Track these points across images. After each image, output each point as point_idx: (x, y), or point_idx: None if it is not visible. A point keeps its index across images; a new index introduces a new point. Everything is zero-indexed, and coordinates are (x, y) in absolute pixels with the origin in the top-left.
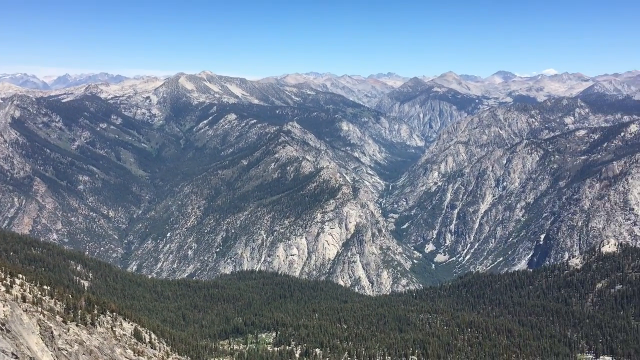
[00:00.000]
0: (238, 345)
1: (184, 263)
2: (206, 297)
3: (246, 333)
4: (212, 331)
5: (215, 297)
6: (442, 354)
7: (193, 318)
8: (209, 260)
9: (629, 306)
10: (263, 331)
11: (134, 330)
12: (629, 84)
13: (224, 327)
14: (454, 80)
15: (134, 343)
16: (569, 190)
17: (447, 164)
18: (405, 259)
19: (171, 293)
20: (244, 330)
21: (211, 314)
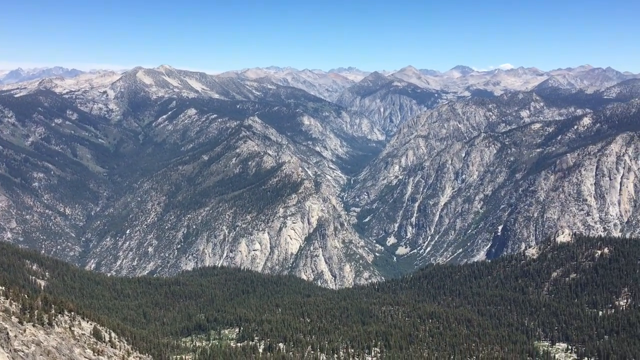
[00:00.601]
0: (200, 342)
1: (144, 260)
2: (167, 294)
3: (209, 329)
4: (174, 328)
5: (177, 294)
6: (404, 345)
7: (154, 316)
8: (170, 257)
9: (582, 294)
10: (226, 327)
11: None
12: (582, 78)
13: (186, 324)
14: (414, 74)
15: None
16: (525, 182)
17: (408, 158)
18: (368, 252)
19: (131, 291)
20: (207, 326)
21: (173, 311)
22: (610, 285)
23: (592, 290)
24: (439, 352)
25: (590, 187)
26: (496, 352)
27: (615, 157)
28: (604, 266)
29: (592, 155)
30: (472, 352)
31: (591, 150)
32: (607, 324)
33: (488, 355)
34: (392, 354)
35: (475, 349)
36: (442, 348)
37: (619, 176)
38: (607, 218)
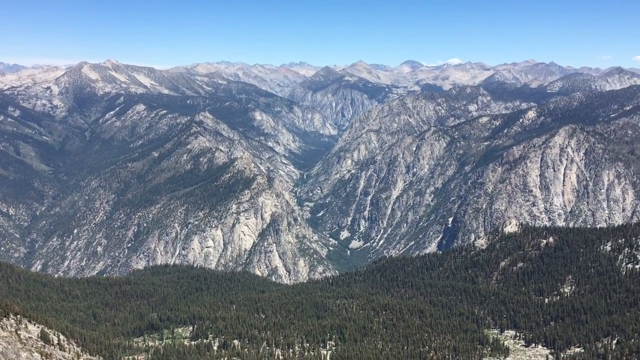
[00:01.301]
0: (153, 342)
1: (93, 260)
2: (118, 294)
3: (162, 329)
4: (125, 329)
5: (128, 293)
6: (359, 337)
7: (105, 316)
8: (120, 256)
9: (529, 282)
10: (179, 326)
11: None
12: (526, 73)
13: (138, 324)
14: (365, 69)
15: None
16: (474, 174)
17: (360, 152)
18: (321, 247)
19: (80, 292)
20: (160, 325)
21: (124, 311)
22: (555, 273)
23: (538, 278)
24: (393, 343)
25: (536, 179)
26: (448, 341)
27: (558, 149)
28: (549, 255)
29: (537, 147)
30: (425, 342)
31: (536, 142)
32: (552, 311)
33: (440, 344)
34: (347, 347)
35: (428, 339)
36: (395, 339)
37: (562, 167)
38: (551, 208)
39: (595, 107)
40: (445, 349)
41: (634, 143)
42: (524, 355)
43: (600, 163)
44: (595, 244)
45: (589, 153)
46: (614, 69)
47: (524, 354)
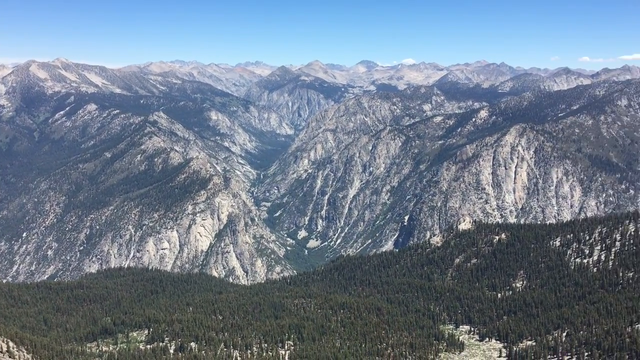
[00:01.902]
0: (107, 347)
1: (44, 264)
2: (70, 298)
3: (116, 333)
4: (78, 334)
5: (81, 298)
6: (317, 336)
7: (56, 322)
8: (72, 259)
9: (482, 278)
10: (134, 329)
11: None
12: (478, 73)
13: (91, 329)
14: (321, 69)
15: None
16: (429, 173)
17: (317, 152)
18: (279, 247)
19: (30, 297)
20: (114, 330)
21: (76, 316)
22: (507, 268)
23: (491, 274)
24: (351, 341)
25: (488, 177)
26: (405, 337)
27: (509, 148)
28: (501, 251)
29: (489, 146)
30: (382, 339)
31: (488, 141)
32: (505, 305)
33: (397, 341)
34: (305, 346)
35: (385, 336)
36: (353, 337)
37: (513, 165)
38: (503, 205)
39: (544, 106)
40: (402, 346)
41: (580, 141)
42: (478, 349)
43: (549, 161)
44: (545, 240)
45: (538, 151)
46: (562, 70)
47: (478, 349)
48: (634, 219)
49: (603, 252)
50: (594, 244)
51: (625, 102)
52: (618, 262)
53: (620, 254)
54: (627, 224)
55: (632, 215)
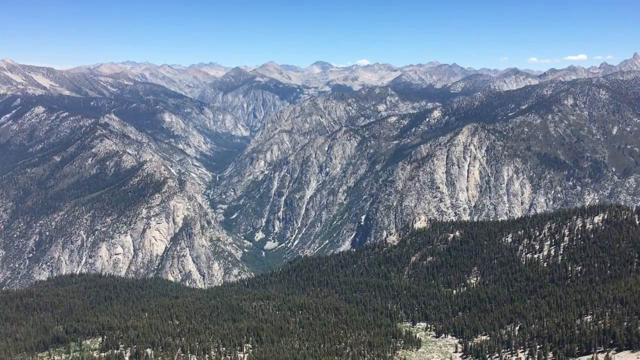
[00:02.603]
0: (59, 356)
1: None
2: (19, 307)
3: (68, 341)
4: (28, 344)
5: (30, 306)
6: (276, 338)
7: (5, 332)
8: (21, 267)
9: (438, 275)
10: (87, 337)
11: None
12: (431, 74)
13: (42, 338)
14: (275, 70)
15: None
16: (385, 172)
17: (273, 153)
18: (236, 249)
19: None
20: (66, 338)
21: (26, 326)
22: (462, 265)
23: (446, 271)
24: (310, 341)
25: (442, 176)
26: (363, 336)
27: (462, 147)
28: (456, 248)
29: (442, 145)
30: (341, 339)
31: (441, 141)
32: (460, 301)
33: (356, 340)
34: (264, 348)
35: (344, 336)
36: (312, 338)
37: (466, 164)
38: (457, 203)
39: (495, 106)
40: (360, 345)
41: (529, 140)
42: (435, 345)
43: (500, 159)
44: (497, 236)
45: (490, 150)
46: (511, 70)
47: (434, 345)
48: (581, 214)
49: (552, 247)
50: (543, 240)
51: (571, 102)
52: (567, 256)
53: (568, 248)
54: (574, 220)
55: (580, 211)
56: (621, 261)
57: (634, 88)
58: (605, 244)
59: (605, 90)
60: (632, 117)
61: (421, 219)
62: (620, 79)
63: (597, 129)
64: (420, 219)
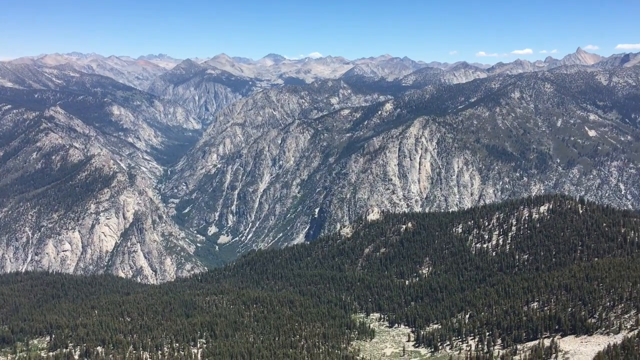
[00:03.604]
0: (5, 356)
1: None
2: None
3: (14, 341)
4: None
5: None
6: (230, 332)
7: None
8: None
9: (391, 266)
10: (35, 337)
11: None
12: (383, 67)
13: None
14: (227, 62)
15: None
16: (338, 165)
17: (225, 146)
18: (189, 244)
19: None
20: (12, 338)
21: None
22: (414, 256)
23: (399, 262)
24: (264, 335)
25: (395, 168)
26: (317, 328)
27: (414, 139)
28: (408, 239)
29: (394, 138)
30: (296, 332)
31: (393, 133)
32: (412, 291)
33: (310, 332)
34: (218, 343)
35: (298, 328)
36: (267, 331)
37: (417, 156)
38: (409, 195)
39: (445, 99)
40: (315, 337)
41: (478, 132)
42: (388, 335)
43: (450, 151)
44: (448, 227)
45: (440, 142)
46: (460, 64)
47: (388, 335)
48: (528, 204)
49: (501, 237)
50: (492, 230)
51: (518, 95)
52: (514, 245)
53: (516, 237)
54: (521, 210)
55: (526, 201)
56: (565, 249)
57: (577, 82)
58: (551, 232)
59: (550, 83)
60: (576, 110)
61: (374, 211)
62: (564, 73)
63: (543, 122)
64: (373, 211)
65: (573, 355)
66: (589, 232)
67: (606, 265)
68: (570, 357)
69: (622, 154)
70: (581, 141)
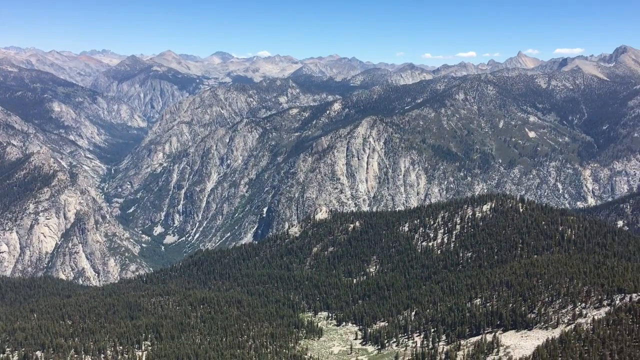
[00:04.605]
0: None
1: None
2: None
3: None
4: None
5: None
6: (176, 334)
7: None
8: None
9: (339, 265)
10: None
11: None
12: (331, 67)
13: None
14: (174, 59)
15: None
16: (286, 164)
17: (172, 145)
18: (134, 244)
19: None
20: None
21: None
22: (362, 254)
23: (347, 260)
24: (211, 336)
25: (343, 167)
26: (265, 328)
27: (362, 139)
28: (356, 238)
29: (342, 137)
30: (243, 332)
31: (342, 133)
32: (360, 290)
33: (258, 332)
34: (164, 345)
35: (246, 328)
36: (214, 332)
37: (365, 156)
38: (357, 194)
39: (392, 99)
40: (263, 336)
41: (424, 132)
42: (336, 334)
43: (397, 151)
44: (395, 226)
45: (387, 142)
46: (407, 65)
47: (336, 333)
48: (471, 203)
49: (446, 235)
50: (437, 228)
51: (462, 96)
52: (458, 243)
53: (460, 236)
54: (465, 208)
55: (470, 200)
56: (507, 247)
57: (518, 84)
58: (493, 230)
59: (492, 86)
60: (517, 112)
61: (322, 210)
62: (506, 76)
63: (486, 123)
64: (322, 210)
65: (514, 349)
66: (528, 230)
67: (545, 262)
68: (511, 352)
69: (559, 154)
70: (522, 142)
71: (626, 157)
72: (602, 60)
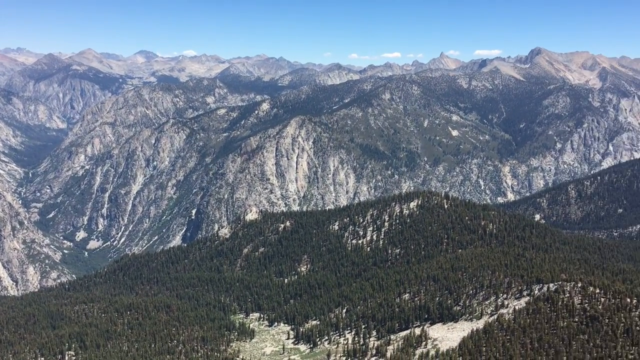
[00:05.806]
0: None
1: None
2: None
3: None
4: None
5: None
6: (102, 342)
7: None
8: None
9: (270, 265)
10: None
11: None
12: (259, 67)
13: None
14: (95, 58)
15: None
16: (215, 165)
17: (94, 146)
18: (54, 251)
19: None
20: None
21: None
22: (293, 254)
23: (278, 260)
24: (139, 342)
25: (272, 167)
26: (196, 332)
27: (291, 139)
28: (286, 238)
29: (272, 137)
30: (173, 337)
31: (271, 133)
32: (292, 289)
33: (189, 336)
34: (89, 354)
35: (176, 333)
36: (142, 338)
37: (295, 156)
38: (287, 194)
39: (320, 99)
40: (193, 341)
41: (353, 132)
42: (268, 334)
43: (326, 151)
44: (325, 225)
45: (317, 142)
46: (334, 65)
47: (268, 334)
48: (399, 201)
49: (375, 232)
50: (367, 226)
51: (388, 96)
52: (387, 240)
53: (388, 233)
54: (393, 206)
55: (397, 198)
56: (433, 242)
57: (441, 85)
58: (420, 227)
59: (417, 86)
60: (440, 111)
61: (252, 211)
62: (429, 76)
63: (411, 122)
64: (252, 211)
65: (441, 341)
66: (453, 225)
67: (469, 255)
68: (439, 344)
69: (481, 152)
70: (445, 140)
71: (542, 154)
72: (518, 62)
